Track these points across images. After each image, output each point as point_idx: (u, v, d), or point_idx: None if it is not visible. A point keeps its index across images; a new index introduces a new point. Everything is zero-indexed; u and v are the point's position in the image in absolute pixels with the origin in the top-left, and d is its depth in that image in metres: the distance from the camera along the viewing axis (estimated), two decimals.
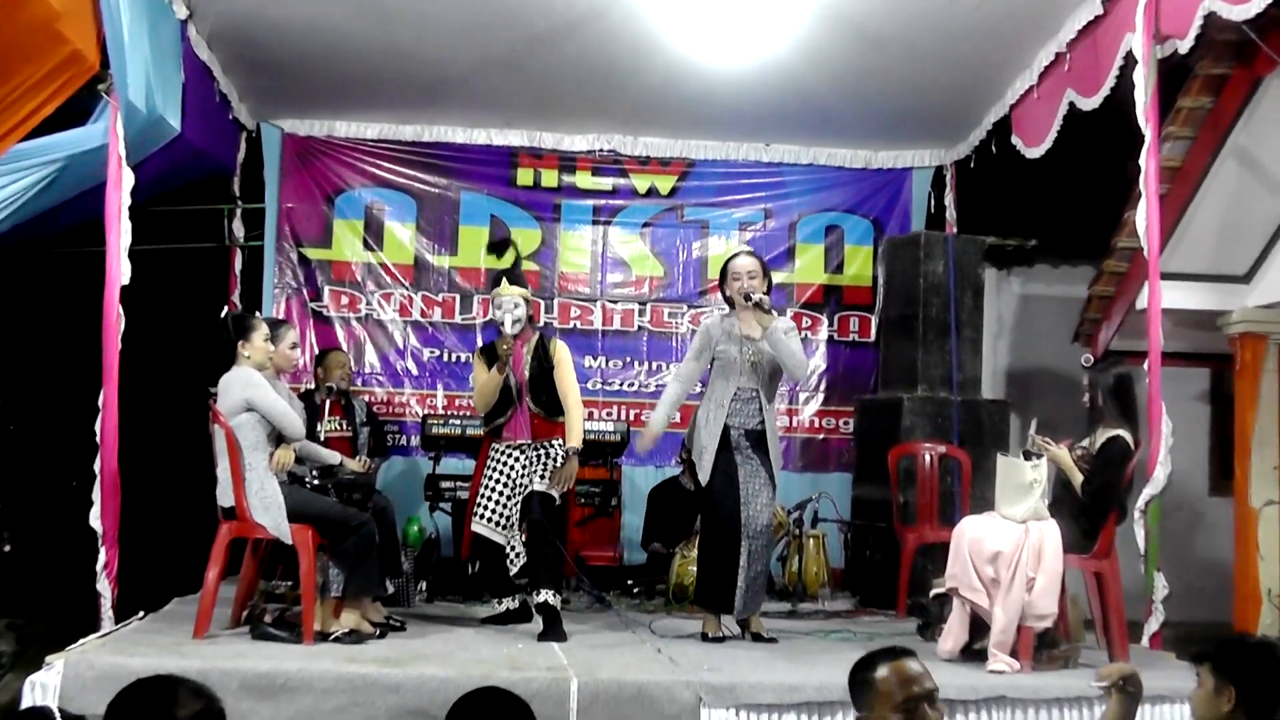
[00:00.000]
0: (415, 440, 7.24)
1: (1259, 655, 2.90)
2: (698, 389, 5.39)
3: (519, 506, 5.13)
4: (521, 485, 5.15)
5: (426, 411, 7.26)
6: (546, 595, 4.97)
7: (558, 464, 5.15)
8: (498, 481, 5.18)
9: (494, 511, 5.15)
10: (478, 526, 5.17)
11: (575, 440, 5.16)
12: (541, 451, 5.20)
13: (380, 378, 7.46)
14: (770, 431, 5.11)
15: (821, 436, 7.66)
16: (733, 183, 7.75)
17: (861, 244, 7.78)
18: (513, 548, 5.12)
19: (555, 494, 5.14)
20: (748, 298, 5.07)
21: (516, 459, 5.19)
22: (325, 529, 4.73)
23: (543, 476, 5.14)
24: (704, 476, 5.06)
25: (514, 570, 5.12)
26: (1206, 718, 2.88)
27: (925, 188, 7.70)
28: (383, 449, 6.87)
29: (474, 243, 7.53)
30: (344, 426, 6.50)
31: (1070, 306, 7.48)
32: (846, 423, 7.59)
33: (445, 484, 6.33)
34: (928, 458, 6.32)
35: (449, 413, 7.16)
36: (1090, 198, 7.01)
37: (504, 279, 5.25)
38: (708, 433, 5.08)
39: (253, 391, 4.67)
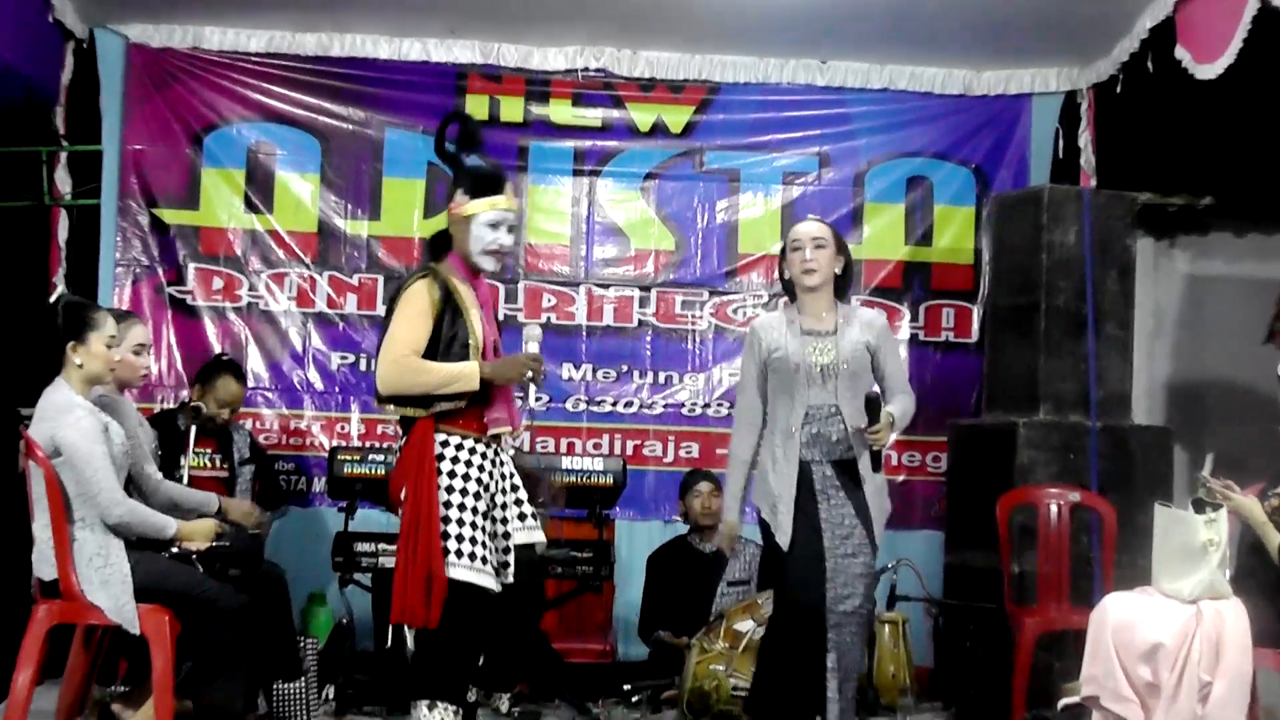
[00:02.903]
0: (319, 484, 7.22)
1: None
2: None
3: (504, 556, 4.77)
4: (499, 515, 4.80)
5: (336, 443, 7.21)
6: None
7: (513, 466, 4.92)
8: (478, 498, 4.69)
9: (486, 547, 4.67)
10: (468, 573, 4.58)
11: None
12: (507, 455, 4.94)
13: (269, 394, 7.43)
14: (866, 463, 5.08)
15: (901, 478, 7.64)
16: (773, 116, 7.75)
17: (958, 204, 7.79)
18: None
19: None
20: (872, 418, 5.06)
21: (491, 471, 4.80)
22: (186, 611, 4.70)
23: (527, 506, 4.87)
24: (783, 538, 5.02)
25: None
26: None
27: (1051, 123, 7.70)
28: (275, 498, 6.82)
29: (403, 201, 7.51)
30: (218, 463, 6.48)
31: (1261, 292, 7.39)
32: (936, 459, 7.60)
33: (363, 546, 6.27)
34: (1054, 509, 6.30)
35: (368, 445, 7.11)
36: None
37: (507, 184, 4.90)
38: (779, 476, 5.06)
39: (64, 429, 4.64)
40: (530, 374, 4.73)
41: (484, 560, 4.63)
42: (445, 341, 4.67)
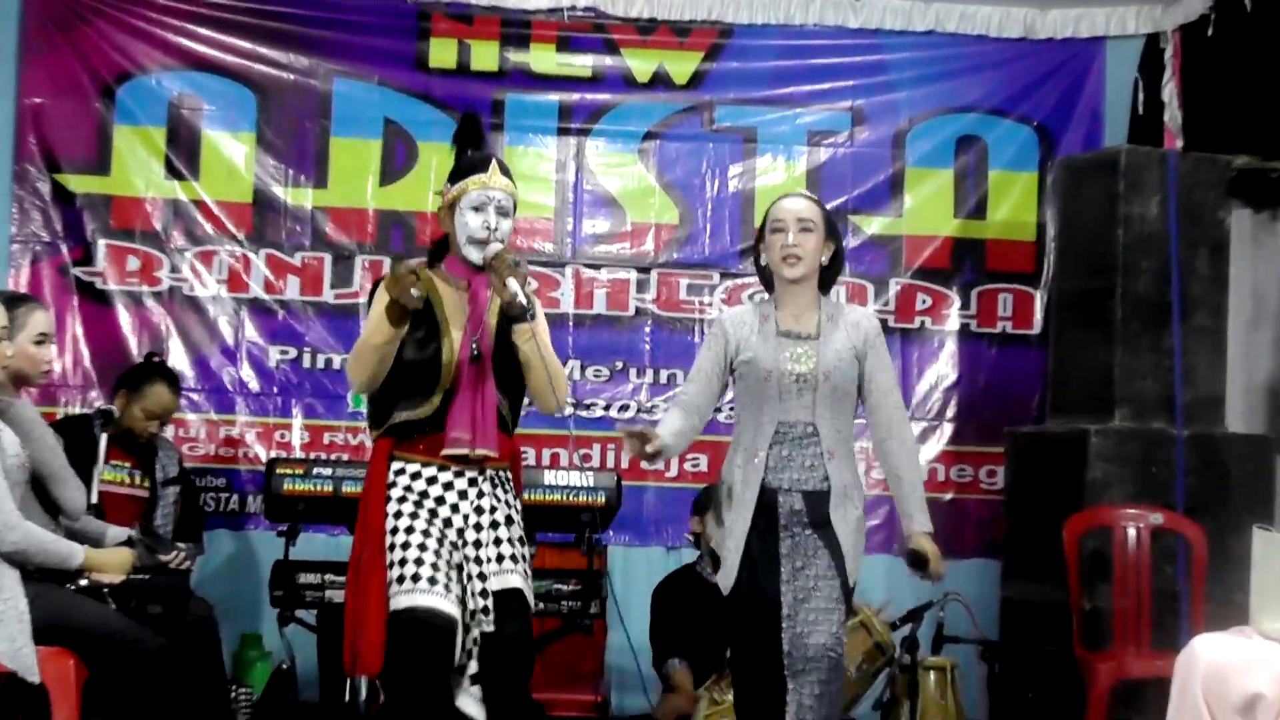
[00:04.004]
0: (255, 504, 7.24)
1: None
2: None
3: (480, 600, 4.70)
4: (472, 553, 4.73)
5: (275, 454, 7.23)
6: None
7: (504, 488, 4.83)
8: (430, 523, 4.71)
9: (442, 574, 4.65)
10: (419, 597, 4.61)
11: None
12: (500, 490, 4.86)
13: (194, 396, 7.42)
14: (840, 496, 4.96)
15: (948, 497, 7.68)
16: (797, 64, 7.78)
17: (1018, 169, 7.82)
18: (474, 640, 4.81)
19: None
20: None
21: (456, 503, 4.76)
22: (96, 655, 4.69)
23: (517, 547, 4.80)
24: (725, 580, 4.99)
25: (465, 677, 4.84)
26: None
27: (1129, 72, 7.71)
28: (197, 525, 6.79)
29: (354, 165, 7.53)
30: (137, 480, 6.46)
31: None
32: (991, 474, 7.64)
33: (306, 577, 6.25)
34: (1132, 534, 6.32)
35: (313, 456, 7.12)
36: None
37: (492, 162, 4.84)
38: (734, 504, 5.02)
39: None
40: (414, 291, 4.48)
41: (438, 583, 4.58)
42: (409, 338, 4.66)
